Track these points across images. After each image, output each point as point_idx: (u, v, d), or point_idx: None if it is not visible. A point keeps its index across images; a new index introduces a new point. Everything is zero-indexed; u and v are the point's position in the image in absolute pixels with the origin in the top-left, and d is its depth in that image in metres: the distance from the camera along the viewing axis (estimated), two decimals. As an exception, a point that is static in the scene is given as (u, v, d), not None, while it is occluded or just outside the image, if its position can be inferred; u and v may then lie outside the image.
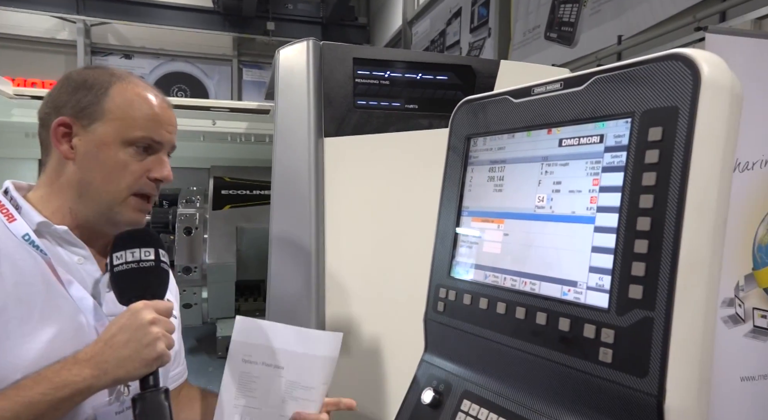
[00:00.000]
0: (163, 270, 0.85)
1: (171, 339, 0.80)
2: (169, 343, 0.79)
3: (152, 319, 0.78)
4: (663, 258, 0.59)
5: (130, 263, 0.82)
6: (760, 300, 1.61)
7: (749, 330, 1.62)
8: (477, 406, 0.82)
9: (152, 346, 0.76)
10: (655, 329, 0.59)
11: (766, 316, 1.60)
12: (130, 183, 0.88)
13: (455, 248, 0.95)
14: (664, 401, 0.58)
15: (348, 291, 1.54)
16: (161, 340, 0.77)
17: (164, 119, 0.92)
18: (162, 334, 0.78)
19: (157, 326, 0.77)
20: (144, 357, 0.76)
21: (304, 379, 0.94)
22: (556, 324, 0.72)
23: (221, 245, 2.24)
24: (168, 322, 0.80)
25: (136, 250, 0.83)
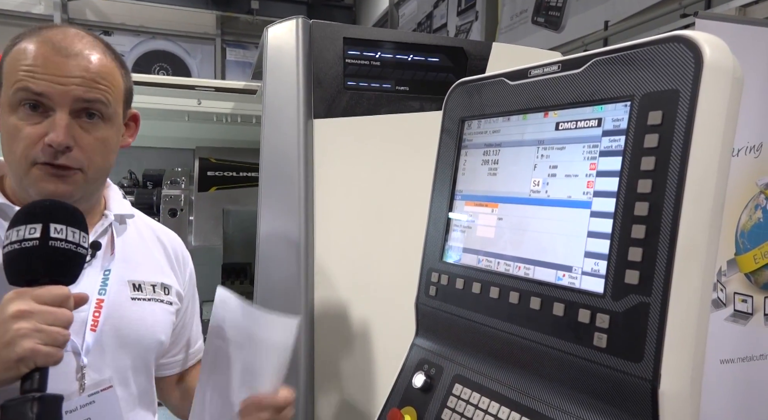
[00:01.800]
0: (54, 249, 0.69)
1: (56, 334, 0.65)
2: (50, 339, 0.65)
3: (16, 312, 0.64)
4: (660, 243, 0.59)
5: (14, 244, 0.68)
6: (741, 285, 1.64)
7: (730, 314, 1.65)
8: (469, 390, 0.83)
9: (11, 347, 0.63)
10: (651, 315, 0.59)
11: (746, 301, 1.64)
12: (24, 151, 0.76)
13: (448, 232, 0.95)
14: (658, 386, 0.58)
15: (337, 274, 1.54)
16: (29, 338, 0.63)
17: (48, 66, 0.76)
18: (32, 330, 0.63)
19: (24, 321, 0.63)
20: (2, 359, 0.63)
21: (255, 365, 0.86)
22: (550, 309, 0.72)
23: (207, 227, 2.21)
24: (53, 312, 0.66)
25: (22, 228, 0.69)
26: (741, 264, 1.61)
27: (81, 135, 0.79)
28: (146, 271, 0.93)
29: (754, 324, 1.64)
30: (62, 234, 0.70)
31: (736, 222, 1.62)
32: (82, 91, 0.77)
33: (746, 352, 1.61)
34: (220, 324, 0.88)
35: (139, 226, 1.00)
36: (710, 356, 1.64)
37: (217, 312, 0.89)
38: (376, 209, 1.54)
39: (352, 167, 1.51)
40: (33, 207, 0.72)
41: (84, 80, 0.78)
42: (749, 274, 1.61)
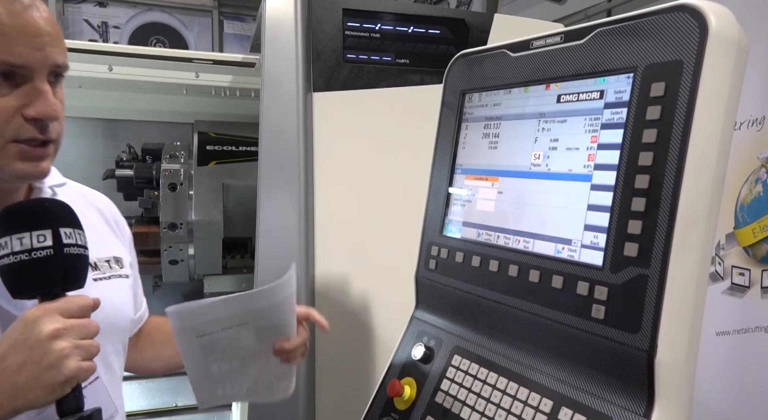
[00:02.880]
0: (70, 256, 0.64)
1: (91, 348, 0.62)
2: (87, 354, 0.62)
3: (53, 331, 0.59)
4: (660, 216, 0.59)
5: (18, 254, 0.62)
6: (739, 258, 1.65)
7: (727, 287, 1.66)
8: (468, 361, 0.84)
9: (57, 368, 0.59)
10: (649, 286, 0.59)
11: (743, 274, 1.65)
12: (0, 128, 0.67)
13: (448, 206, 0.95)
14: (655, 356, 0.59)
15: (338, 248, 1.54)
16: (71, 357, 0.60)
17: (18, 30, 0.65)
18: (73, 348, 0.60)
19: (62, 340, 0.59)
20: (47, 382, 0.59)
21: (272, 322, 0.87)
22: (549, 282, 0.72)
23: (207, 202, 2.21)
24: (84, 325, 0.62)
25: (26, 235, 0.62)
26: (740, 238, 1.61)
27: (56, 101, 0.71)
28: (96, 247, 0.79)
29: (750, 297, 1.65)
30: (72, 238, 0.65)
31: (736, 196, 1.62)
32: (57, 54, 0.69)
33: (742, 324, 1.63)
34: (196, 327, 0.85)
35: (70, 195, 0.86)
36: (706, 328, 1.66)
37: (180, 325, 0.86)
38: (376, 183, 1.53)
39: (352, 141, 1.50)
40: (34, 208, 0.65)
41: (53, 38, 0.69)
42: (747, 248, 1.62)
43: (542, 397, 0.71)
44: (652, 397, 0.60)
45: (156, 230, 2.23)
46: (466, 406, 0.79)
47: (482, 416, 0.77)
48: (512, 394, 0.75)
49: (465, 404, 0.80)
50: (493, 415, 0.75)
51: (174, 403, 2.46)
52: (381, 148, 1.52)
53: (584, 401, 0.66)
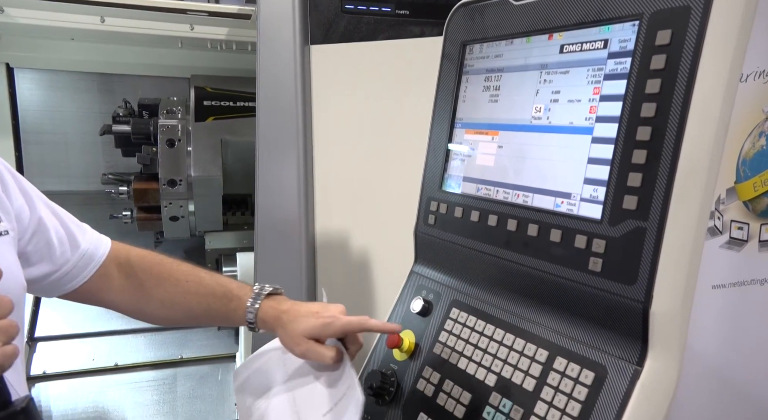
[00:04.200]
0: None
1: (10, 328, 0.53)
2: (7, 336, 0.52)
3: None
4: (661, 168, 0.58)
5: None
6: (739, 212, 1.65)
7: (725, 241, 1.67)
8: (465, 314, 0.85)
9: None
10: (647, 239, 0.60)
11: (742, 228, 1.65)
12: None
13: (447, 161, 0.94)
14: (650, 307, 0.60)
15: (337, 204, 1.55)
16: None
17: None
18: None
19: None
20: None
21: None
22: (547, 235, 0.72)
23: (206, 158, 2.19)
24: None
25: None
26: (740, 192, 1.61)
27: None
28: None
29: (747, 250, 1.66)
30: None
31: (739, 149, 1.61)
32: None
33: (738, 277, 1.65)
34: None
35: None
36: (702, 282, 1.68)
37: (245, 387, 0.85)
38: (376, 138, 1.52)
39: (351, 95, 1.48)
40: None
41: None
42: (747, 202, 1.62)
43: (538, 347, 0.72)
44: (645, 347, 0.61)
45: (155, 187, 2.23)
46: (464, 357, 0.81)
47: (479, 366, 0.78)
48: (509, 345, 0.76)
49: (462, 355, 0.82)
50: (489, 365, 0.77)
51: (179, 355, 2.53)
52: (381, 103, 1.50)
53: (579, 351, 0.68)
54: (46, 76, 2.54)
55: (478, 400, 0.76)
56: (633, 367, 0.62)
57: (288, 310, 0.86)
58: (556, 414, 0.66)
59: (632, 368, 0.62)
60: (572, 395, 0.65)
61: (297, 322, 0.84)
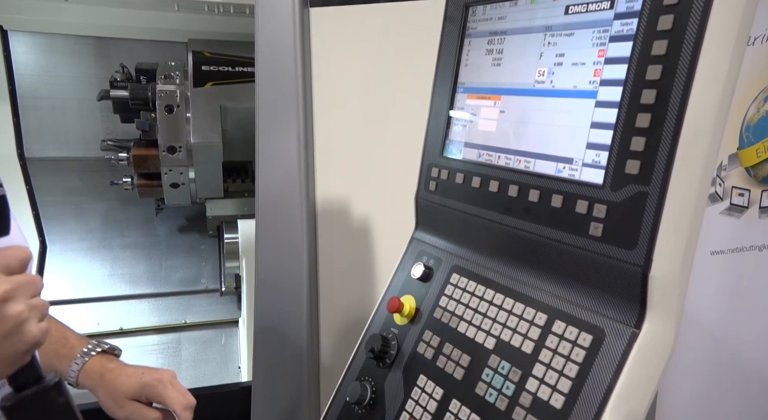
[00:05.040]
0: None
1: (44, 307, 0.55)
2: (41, 314, 0.54)
3: (3, 294, 0.50)
4: (664, 132, 0.58)
5: None
6: (740, 179, 1.65)
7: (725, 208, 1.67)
8: (466, 279, 0.86)
9: (17, 336, 0.51)
10: (648, 203, 0.60)
11: (743, 194, 1.65)
12: None
13: (449, 127, 0.93)
14: (649, 271, 0.60)
15: (338, 171, 1.54)
16: (30, 321, 0.52)
17: None
18: (29, 310, 0.52)
19: (15, 302, 0.51)
20: (8, 353, 0.51)
21: None
22: (548, 201, 0.72)
23: (205, 124, 2.18)
24: (31, 281, 0.53)
25: None
26: (742, 158, 1.60)
27: None
28: None
29: (748, 216, 1.67)
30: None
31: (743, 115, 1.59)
32: None
33: (737, 243, 1.66)
34: None
35: None
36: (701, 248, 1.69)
37: None
38: (378, 103, 1.50)
39: (351, 59, 1.46)
40: None
41: None
42: (749, 169, 1.61)
43: (537, 311, 0.73)
44: (643, 310, 0.62)
45: (155, 153, 2.22)
46: (464, 321, 0.82)
47: (479, 330, 0.80)
48: (508, 309, 0.77)
49: (462, 319, 0.83)
50: (489, 329, 0.78)
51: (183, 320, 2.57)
52: (382, 67, 1.47)
53: (578, 314, 0.68)
54: (41, 40, 2.50)
55: (478, 363, 0.77)
56: (630, 329, 0.63)
57: (114, 369, 0.81)
58: (554, 375, 0.67)
59: (630, 331, 0.63)
60: (570, 357, 0.66)
61: (120, 380, 0.79)
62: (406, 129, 1.42)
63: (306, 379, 1.48)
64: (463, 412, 0.75)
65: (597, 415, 0.61)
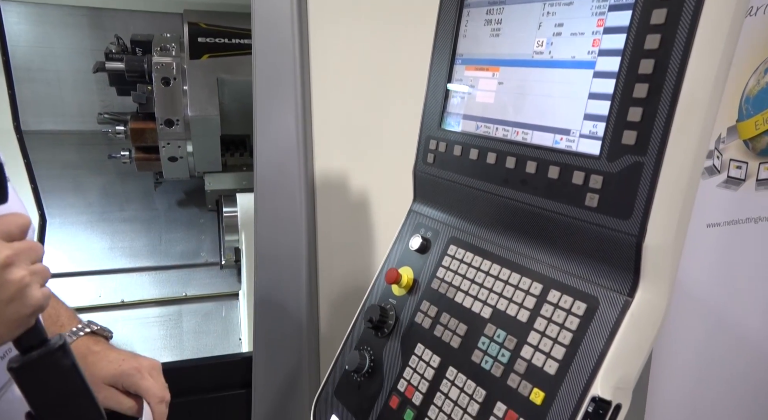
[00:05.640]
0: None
1: (45, 272, 0.55)
2: (43, 279, 0.55)
3: (4, 259, 0.51)
4: (661, 102, 0.58)
5: None
6: (738, 151, 1.65)
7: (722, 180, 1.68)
8: (463, 250, 0.87)
9: (21, 300, 0.52)
10: (644, 174, 0.60)
11: (740, 167, 1.65)
12: None
13: (447, 99, 0.93)
14: (643, 240, 0.61)
15: (336, 143, 1.54)
16: (32, 285, 0.53)
17: None
18: (31, 275, 0.53)
19: (17, 267, 0.52)
20: (11, 317, 0.52)
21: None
22: (545, 172, 0.73)
23: (202, 97, 2.16)
24: (31, 247, 0.54)
25: None
26: (741, 130, 1.60)
27: None
28: None
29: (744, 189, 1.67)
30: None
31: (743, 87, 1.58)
32: None
33: (733, 215, 1.67)
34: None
35: None
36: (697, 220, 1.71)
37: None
38: (376, 76, 1.49)
39: (350, 31, 1.44)
40: None
41: None
42: (748, 141, 1.61)
43: (533, 281, 0.75)
44: (637, 279, 0.63)
45: (153, 126, 2.21)
46: (461, 291, 0.84)
47: (475, 300, 0.81)
48: (504, 280, 0.78)
49: (459, 289, 0.84)
50: (485, 299, 0.80)
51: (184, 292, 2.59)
52: (380, 39, 1.46)
53: (573, 284, 0.70)
54: (34, 10, 2.46)
55: (474, 332, 0.79)
56: (624, 298, 0.64)
57: (98, 352, 0.81)
58: (548, 343, 0.69)
59: (623, 299, 0.64)
60: (564, 325, 0.68)
61: (100, 365, 0.79)
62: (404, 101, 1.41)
63: (306, 349, 1.51)
64: (459, 379, 0.77)
65: (589, 380, 0.63)
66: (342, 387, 0.95)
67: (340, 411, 0.93)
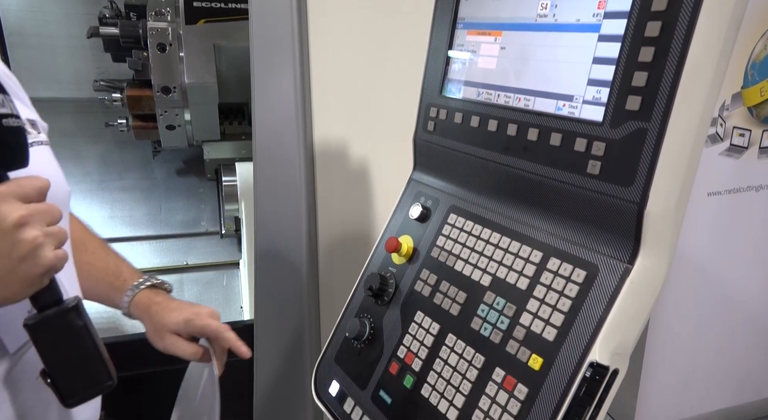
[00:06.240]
0: (10, 129, 0.55)
1: (61, 234, 0.57)
2: (59, 241, 0.56)
3: (18, 219, 0.52)
4: (668, 66, 0.57)
5: None
6: (742, 119, 1.63)
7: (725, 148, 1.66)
8: (463, 219, 0.87)
9: (33, 260, 0.53)
10: (647, 140, 0.59)
11: (743, 135, 1.64)
12: None
13: (448, 65, 0.91)
14: (645, 207, 0.61)
15: (336, 111, 1.52)
16: (45, 246, 0.54)
17: None
18: (44, 236, 0.54)
19: (31, 228, 0.53)
20: (24, 276, 0.54)
21: None
22: (547, 139, 0.72)
23: (199, 64, 2.12)
24: (47, 210, 0.56)
25: None
26: (746, 97, 1.57)
27: None
28: None
29: (747, 157, 1.66)
30: (6, 107, 0.55)
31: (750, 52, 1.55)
32: None
33: (734, 184, 1.66)
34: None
35: None
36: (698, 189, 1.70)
37: None
38: (376, 42, 1.46)
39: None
40: None
41: None
42: (752, 108, 1.59)
43: (533, 249, 0.74)
44: (637, 246, 0.63)
45: (149, 94, 2.18)
46: (460, 260, 0.84)
47: (475, 268, 0.81)
48: (504, 248, 0.78)
49: (459, 258, 0.84)
50: (485, 267, 0.80)
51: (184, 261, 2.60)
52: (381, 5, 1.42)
53: (573, 251, 0.70)
54: (24, -27, 2.40)
55: (473, 299, 0.79)
56: (624, 265, 0.64)
57: (160, 302, 0.86)
58: (547, 309, 0.69)
59: (623, 266, 0.64)
60: (563, 292, 0.68)
61: (163, 314, 0.84)
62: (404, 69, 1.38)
63: (306, 317, 1.53)
64: (458, 346, 0.78)
65: (587, 346, 0.63)
66: (342, 354, 0.96)
67: (341, 377, 0.94)
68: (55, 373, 0.57)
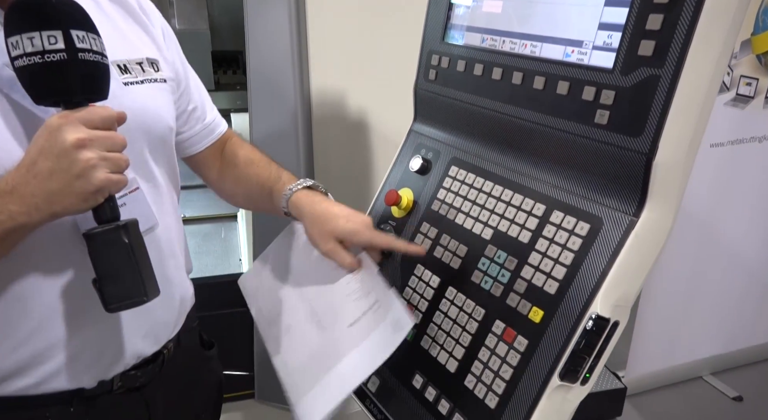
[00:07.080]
0: (86, 62, 0.60)
1: (119, 160, 0.62)
2: (116, 166, 0.61)
3: (77, 141, 0.58)
4: (685, 8, 0.54)
5: (31, 56, 0.58)
6: (749, 67, 1.59)
7: (731, 98, 1.63)
8: (465, 171, 0.85)
9: (85, 178, 0.59)
10: (659, 88, 0.57)
11: (750, 84, 1.60)
12: None
13: (451, 9, 0.87)
14: (653, 158, 0.59)
15: (333, 62, 1.48)
16: (98, 168, 0.59)
17: None
18: (99, 159, 0.59)
19: (87, 150, 0.58)
20: (78, 191, 0.59)
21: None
22: (554, 88, 0.69)
23: (190, 9, 2.04)
24: (109, 137, 0.61)
25: (35, 35, 0.57)
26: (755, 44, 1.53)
27: None
28: (125, 48, 0.77)
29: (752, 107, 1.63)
30: (86, 43, 0.60)
31: (761, 0, 1.50)
32: None
33: (738, 135, 1.64)
34: None
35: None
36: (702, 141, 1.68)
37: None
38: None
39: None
40: (43, 5, 0.58)
41: None
42: (760, 56, 1.55)
43: (536, 202, 0.73)
44: (644, 199, 0.62)
45: (139, 43, 2.11)
46: (461, 213, 0.83)
47: (476, 221, 0.80)
48: (507, 201, 0.77)
49: (460, 211, 0.83)
50: (486, 220, 0.79)
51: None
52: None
53: (577, 204, 0.68)
54: None
55: (474, 253, 0.78)
56: (629, 218, 0.63)
57: (321, 202, 0.88)
58: (549, 263, 0.68)
59: (628, 219, 0.63)
60: (566, 246, 0.67)
61: (328, 219, 0.85)
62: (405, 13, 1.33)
63: (306, 270, 1.53)
64: (458, 299, 0.78)
65: (589, 299, 0.63)
66: (343, 306, 0.97)
67: (341, 328, 0.95)
68: (99, 280, 0.64)
